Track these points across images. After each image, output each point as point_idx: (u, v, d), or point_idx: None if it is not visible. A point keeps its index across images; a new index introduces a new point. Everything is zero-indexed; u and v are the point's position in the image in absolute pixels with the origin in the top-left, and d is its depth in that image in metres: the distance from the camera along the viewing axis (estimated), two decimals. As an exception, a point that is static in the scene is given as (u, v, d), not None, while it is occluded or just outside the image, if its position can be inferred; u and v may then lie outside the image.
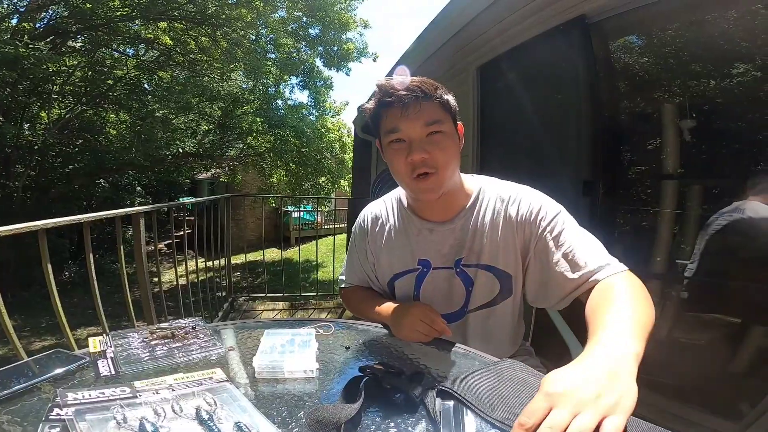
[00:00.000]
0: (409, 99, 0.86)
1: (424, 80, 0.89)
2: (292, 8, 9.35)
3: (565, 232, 0.89)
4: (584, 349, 0.59)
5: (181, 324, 0.90)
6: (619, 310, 0.68)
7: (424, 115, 0.88)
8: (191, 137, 10.63)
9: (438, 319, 0.89)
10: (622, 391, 0.49)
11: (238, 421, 0.53)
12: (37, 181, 9.21)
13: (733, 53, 1.64)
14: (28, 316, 7.28)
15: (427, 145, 0.88)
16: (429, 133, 0.89)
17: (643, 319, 0.65)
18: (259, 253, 8.03)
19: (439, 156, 0.88)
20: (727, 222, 1.56)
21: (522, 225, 0.94)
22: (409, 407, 0.62)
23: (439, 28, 3.11)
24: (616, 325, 0.63)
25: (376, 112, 0.93)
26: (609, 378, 0.50)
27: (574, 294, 0.86)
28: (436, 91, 0.89)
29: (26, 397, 0.64)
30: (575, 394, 0.48)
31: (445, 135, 0.90)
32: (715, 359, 1.63)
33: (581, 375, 0.51)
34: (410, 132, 0.89)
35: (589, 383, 0.50)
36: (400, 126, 0.89)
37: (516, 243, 0.95)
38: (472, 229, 0.98)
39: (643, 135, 2.06)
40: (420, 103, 0.87)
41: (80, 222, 1.96)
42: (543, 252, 0.90)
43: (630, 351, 0.56)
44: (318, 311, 4.56)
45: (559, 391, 0.49)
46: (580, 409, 0.47)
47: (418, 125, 0.88)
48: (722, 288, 1.68)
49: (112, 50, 8.79)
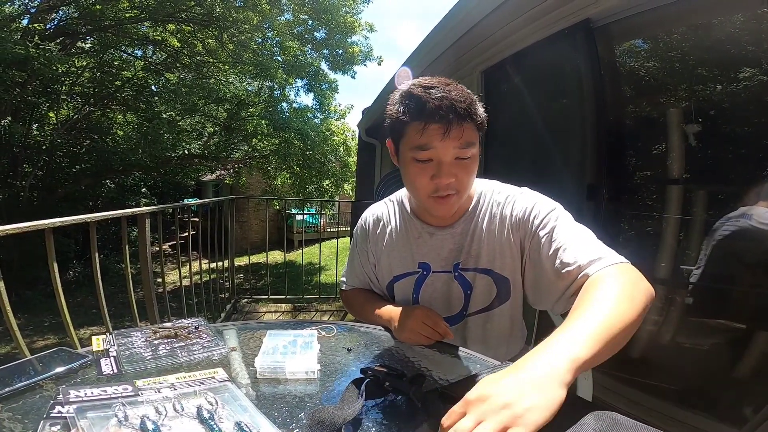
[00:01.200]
0: (453, 121, 0.80)
1: (465, 94, 0.83)
2: (298, 11, 9.41)
3: (558, 229, 0.85)
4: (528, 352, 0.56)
5: (184, 324, 0.91)
6: (586, 310, 0.63)
7: (462, 139, 0.83)
8: (197, 139, 10.71)
9: (440, 322, 0.89)
10: (535, 402, 0.46)
11: (239, 421, 0.53)
12: (44, 180, 9.29)
13: (739, 57, 1.63)
14: (32, 315, 7.33)
15: (454, 168, 0.85)
16: (458, 157, 0.84)
17: (610, 320, 0.60)
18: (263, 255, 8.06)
19: (464, 179, 0.87)
20: (733, 227, 1.54)
21: (516, 225, 0.93)
22: (409, 409, 0.62)
23: (444, 31, 3.12)
24: (572, 328, 0.59)
25: (408, 122, 0.84)
26: (528, 387, 0.48)
27: (567, 294, 0.80)
28: (477, 110, 0.85)
29: (28, 394, 0.64)
30: (485, 402, 0.48)
31: (473, 159, 0.87)
32: (719, 365, 1.61)
33: (501, 381, 0.50)
34: (444, 154, 0.83)
35: (505, 391, 0.48)
36: (434, 145, 0.82)
37: (512, 245, 0.94)
38: (471, 233, 0.97)
39: (648, 139, 2.05)
40: (463, 125, 0.82)
41: (86, 222, 1.98)
42: (534, 250, 0.88)
43: (568, 356, 0.53)
44: (320, 314, 4.56)
45: (471, 397, 0.49)
46: (484, 418, 0.46)
47: (452, 147, 0.83)
48: (728, 294, 1.66)
49: (121, 51, 8.89)
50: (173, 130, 9.58)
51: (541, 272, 0.87)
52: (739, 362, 1.52)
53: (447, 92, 0.81)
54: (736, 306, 1.61)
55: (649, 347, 1.81)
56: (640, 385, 1.78)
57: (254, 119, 9.96)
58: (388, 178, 3.34)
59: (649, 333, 1.83)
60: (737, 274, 1.61)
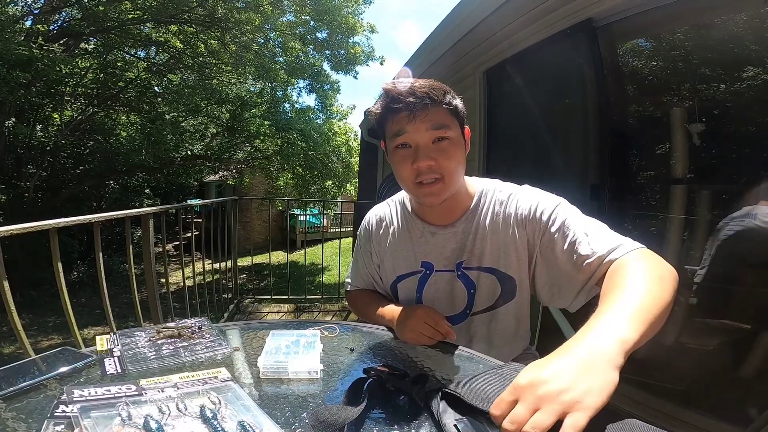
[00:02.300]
0: (417, 105, 0.85)
1: (433, 85, 0.88)
2: (299, 12, 9.43)
3: (568, 222, 0.86)
4: (572, 337, 0.55)
5: (187, 324, 0.91)
6: (621, 292, 0.63)
7: (432, 120, 0.86)
8: (200, 140, 10.74)
9: (442, 322, 0.88)
10: (591, 386, 0.46)
11: (242, 420, 0.53)
12: (48, 181, 9.34)
13: (742, 56, 1.63)
14: (36, 315, 7.37)
15: (433, 152, 0.87)
16: (435, 139, 0.87)
17: (648, 301, 0.60)
18: (265, 256, 8.07)
19: (444, 163, 0.88)
20: (737, 227, 1.53)
21: (522, 223, 0.92)
22: (412, 409, 0.62)
23: (446, 31, 3.12)
24: (612, 310, 0.59)
25: (383, 115, 0.92)
26: (581, 371, 0.48)
27: (588, 286, 0.81)
28: (445, 96, 0.88)
29: (32, 394, 0.64)
30: (539, 389, 0.47)
31: (451, 141, 0.89)
32: (724, 365, 1.60)
33: (552, 367, 0.49)
34: (416, 137, 0.87)
35: (558, 376, 0.47)
36: (406, 129, 0.87)
37: (518, 243, 0.93)
38: (473, 231, 0.97)
39: (651, 139, 2.05)
40: (428, 109, 0.86)
41: (90, 222, 1.99)
42: (548, 247, 0.88)
43: (616, 338, 0.52)
44: (323, 314, 4.57)
45: (523, 383, 0.48)
46: (540, 405, 0.45)
47: (424, 130, 0.87)
48: (732, 293, 1.65)
49: (124, 53, 8.93)
50: (176, 131, 9.62)
51: (557, 269, 0.87)
52: (743, 362, 1.51)
53: (412, 83, 0.87)
54: (740, 306, 1.60)
55: (653, 348, 1.81)
56: (645, 386, 1.77)
57: (257, 120, 9.98)
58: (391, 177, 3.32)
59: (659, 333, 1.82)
60: (742, 274, 1.60)
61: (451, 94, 0.90)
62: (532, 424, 0.44)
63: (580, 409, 0.44)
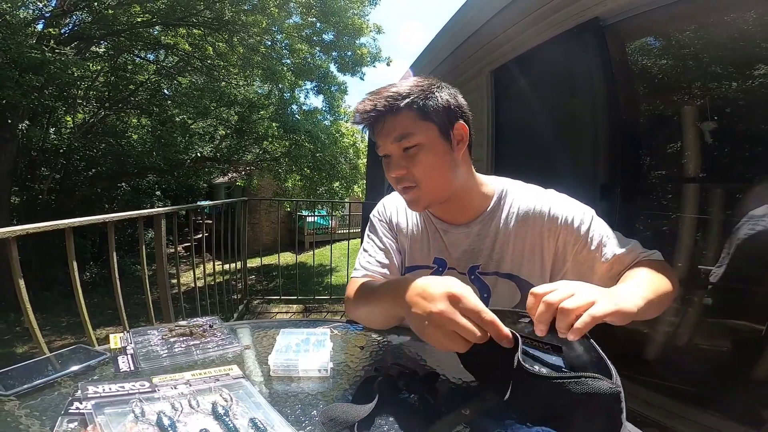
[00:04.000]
0: (370, 119, 0.84)
1: (393, 90, 0.83)
2: (306, 14, 9.47)
3: (605, 239, 0.87)
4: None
5: (199, 322, 0.92)
6: (638, 274, 0.78)
7: (393, 131, 0.84)
8: (209, 142, 10.85)
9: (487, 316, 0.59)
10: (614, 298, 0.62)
11: (253, 417, 0.53)
12: (61, 183, 9.49)
13: (753, 54, 1.60)
14: (50, 315, 7.47)
15: (403, 160, 0.85)
16: (404, 149, 0.84)
17: (657, 281, 0.76)
18: (274, 257, 8.11)
19: (415, 171, 0.85)
20: (758, 226, 1.50)
21: (555, 231, 0.89)
22: (423, 408, 0.62)
23: (453, 32, 3.11)
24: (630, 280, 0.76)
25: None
26: (609, 291, 0.65)
27: None
28: (404, 100, 0.82)
29: (47, 391, 0.65)
30: (576, 287, 0.61)
31: (420, 147, 0.83)
32: (739, 365, 1.58)
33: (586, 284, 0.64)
34: (385, 149, 0.87)
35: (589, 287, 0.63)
36: (378, 143, 0.88)
37: (545, 251, 0.90)
38: (492, 234, 0.93)
39: (661, 138, 2.02)
40: (384, 120, 0.83)
41: (104, 222, 2.02)
42: (587, 263, 0.88)
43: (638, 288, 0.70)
44: (331, 314, 4.58)
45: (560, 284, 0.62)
46: (574, 294, 0.59)
47: (388, 142, 0.85)
48: (750, 293, 1.62)
49: (134, 56, 9.04)
50: (186, 133, 9.72)
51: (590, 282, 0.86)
52: (757, 363, 1.48)
53: (378, 93, 0.85)
54: (757, 306, 1.57)
55: (668, 347, 1.79)
56: (657, 386, 1.75)
57: (265, 122, 10.03)
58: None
59: (668, 333, 1.80)
60: (761, 273, 1.56)
61: (417, 94, 0.83)
62: (563, 307, 0.57)
63: (603, 304, 0.58)
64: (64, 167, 9.37)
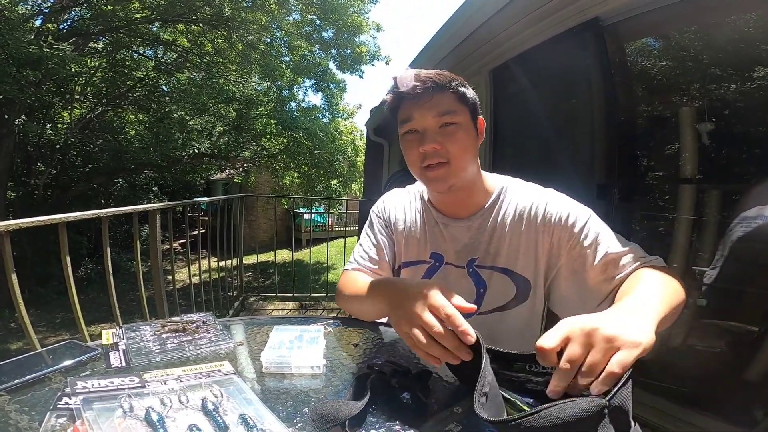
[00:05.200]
0: (421, 89, 0.86)
1: (440, 72, 0.88)
2: (305, 11, 9.46)
3: (601, 237, 0.85)
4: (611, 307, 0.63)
5: (192, 318, 0.91)
6: (647, 286, 0.71)
7: (437, 106, 0.87)
8: (207, 138, 10.81)
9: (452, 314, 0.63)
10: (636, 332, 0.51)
11: (243, 414, 0.53)
12: (57, 179, 9.45)
13: (752, 55, 1.60)
14: (44, 312, 7.45)
15: (439, 135, 0.88)
16: (442, 125, 0.88)
17: (668, 292, 0.70)
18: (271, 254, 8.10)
19: (450, 147, 0.87)
20: (750, 227, 1.51)
21: (550, 229, 0.90)
22: (415, 406, 0.61)
23: (451, 31, 3.10)
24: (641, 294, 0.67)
25: (393, 103, 0.93)
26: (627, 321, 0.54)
27: (611, 296, 0.82)
28: (451, 83, 0.88)
29: (37, 387, 0.64)
30: (592, 333, 0.52)
31: (459, 126, 0.88)
32: (734, 366, 1.58)
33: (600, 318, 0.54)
34: (423, 122, 0.88)
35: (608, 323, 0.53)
36: (413, 115, 0.89)
37: (539, 248, 0.91)
38: (490, 229, 0.95)
39: (659, 138, 2.03)
40: (432, 94, 0.86)
41: (98, 217, 2.01)
42: (578, 261, 0.87)
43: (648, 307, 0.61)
44: (327, 312, 4.57)
45: (575, 328, 0.53)
46: (593, 345, 0.51)
47: (430, 115, 0.87)
48: (745, 294, 1.63)
49: (132, 52, 9.00)
50: (184, 129, 9.70)
51: (583, 282, 0.86)
52: (751, 364, 1.49)
53: (419, 72, 0.88)
54: (751, 307, 1.58)
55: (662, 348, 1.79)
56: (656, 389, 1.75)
57: (263, 119, 10.03)
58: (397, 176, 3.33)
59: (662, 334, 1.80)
60: (755, 274, 1.57)
61: (459, 81, 0.90)
62: (589, 364, 0.50)
63: (628, 348, 0.50)
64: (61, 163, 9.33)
